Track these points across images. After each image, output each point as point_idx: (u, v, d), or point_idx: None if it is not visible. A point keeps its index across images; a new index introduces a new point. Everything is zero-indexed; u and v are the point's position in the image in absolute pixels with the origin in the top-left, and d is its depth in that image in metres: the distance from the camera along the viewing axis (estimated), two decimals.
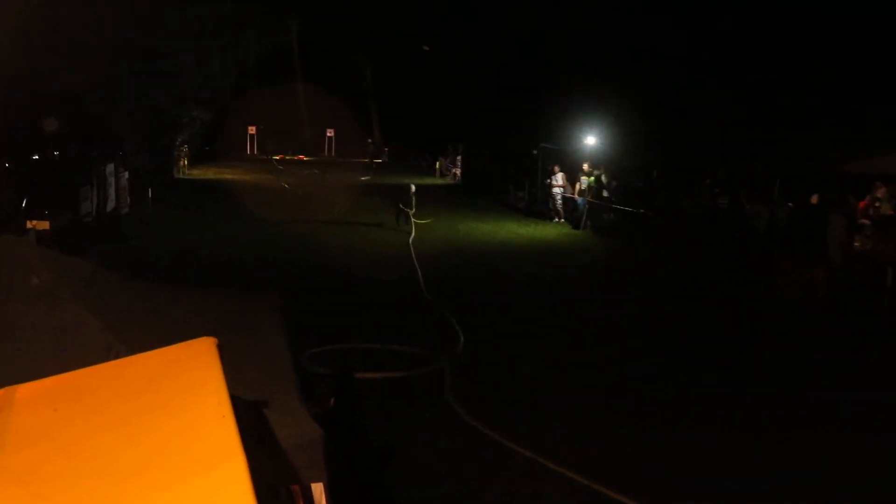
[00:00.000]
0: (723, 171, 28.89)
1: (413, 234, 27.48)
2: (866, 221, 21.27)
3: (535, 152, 37.31)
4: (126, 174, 30.98)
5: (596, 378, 13.33)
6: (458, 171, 51.16)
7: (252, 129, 69.33)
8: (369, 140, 67.25)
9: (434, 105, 60.82)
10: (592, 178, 31.30)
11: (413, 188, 30.63)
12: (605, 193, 30.68)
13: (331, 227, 29.52)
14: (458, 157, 51.53)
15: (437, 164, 55.11)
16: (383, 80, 69.59)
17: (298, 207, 34.23)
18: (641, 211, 27.40)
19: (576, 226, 31.15)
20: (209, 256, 22.94)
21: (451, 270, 22.25)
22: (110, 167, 28.69)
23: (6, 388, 4.48)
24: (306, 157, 66.68)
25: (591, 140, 34.43)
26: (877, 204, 22.37)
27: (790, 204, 21.93)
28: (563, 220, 32.55)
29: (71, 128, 29.65)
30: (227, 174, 50.43)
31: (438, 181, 51.68)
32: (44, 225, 21.61)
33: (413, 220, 29.43)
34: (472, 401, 11.80)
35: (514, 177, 40.33)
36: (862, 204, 22.55)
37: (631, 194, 29.43)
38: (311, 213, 32.72)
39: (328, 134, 70.95)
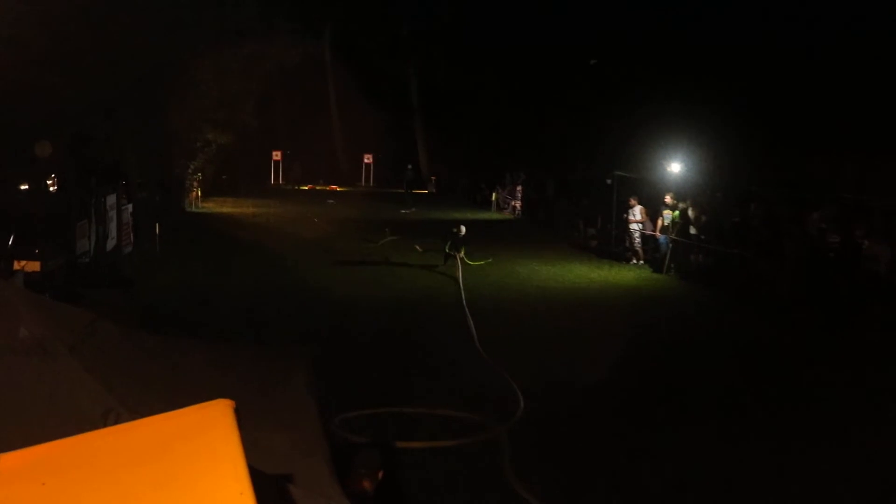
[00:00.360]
0: (833, 202, 28.50)
1: (461, 277, 27.43)
2: None
3: (608, 182, 37.17)
4: (129, 207, 31.28)
5: (681, 463, 13.10)
6: (519, 204, 51.09)
7: (277, 155, 70.00)
8: (409, 167, 67.59)
9: (490, 128, 60.97)
10: (677, 213, 31.09)
11: (463, 230, 30.58)
12: (692, 230, 30.45)
13: (367, 270, 29.59)
14: (519, 188, 51.50)
15: (494, 195, 55.10)
16: (430, 98, 69.92)
17: (329, 247, 34.34)
18: (736, 251, 27.13)
19: (657, 269, 30.91)
20: (226, 305, 23.10)
21: (509, 321, 22.17)
22: (111, 199, 28.98)
23: None
24: (339, 186, 67.11)
25: (675, 167, 34.24)
26: None
27: None
28: (642, 262, 32.31)
29: (66, 153, 30.03)
30: (248, 207, 50.84)
31: (495, 216, 51.64)
32: (34, 266, 21.81)
33: (465, 260, 29.45)
34: (535, 478, 11.68)
35: (585, 211, 40.20)
36: None
37: (724, 231, 29.16)
38: (344, 253, 32.82)
39: (365, 160, 71.41)
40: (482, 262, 30.70)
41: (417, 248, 32.85)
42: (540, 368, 17.62)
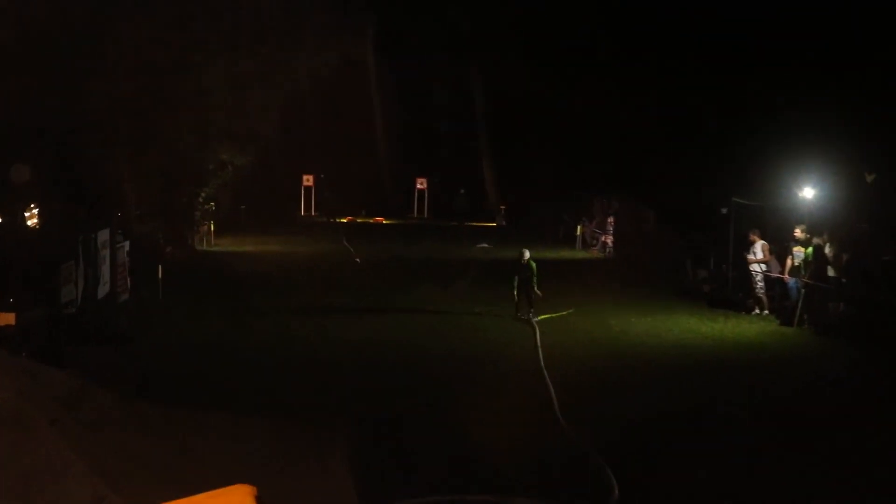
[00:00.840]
0: None
1: (538, 332, 27.39)
2: None
3: (724, 211, 36.93)
4: (126, 245, 31.50)
5: None
6: (610, 240, 50.94)
7: (308, 180, 70.25)
8: (461, 191, 67.49)
9: (573, 144, 60.77)
10: (810, 250, 30.80)
11: (527, 255, 30.62)
12: (830, 272, 30.16)
13: (418, 319, 29.71)
14: (610, 220, 51.32)
15: (579, 228, 54.98)
16: (499, 109, 69.74)
17: (373, 294, 34.49)
18: (888, 298, 26.81)
19: (786, 321, 30.62)
20: (246, 368, 23.15)
21: (598, 389, 21.99)
22: (104, 235, 29.20)
23: None
24: (386, 218, 67.30)
25: (808, 192, 33.91)
26: None
27: None
28: (766, 311, 32.06)
29: (50, 178, 30.33)
30: (272, 244, 51.06)
31: (580, 254, 51.55)
32: (8, 318, 21.99)
33: (533, 317, 29.59)
34: None
35: (694, 248, 39.96)
36: None
37: (871, 273, 28.85)
38: (393, 301, 32.95)
39: (418, 186, 71.51)
40: (564, 313, 30.63)
41: (477, 310, 32.54)
42: (637, 446, 17.48)
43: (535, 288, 30.04)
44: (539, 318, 29.60)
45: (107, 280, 29.28)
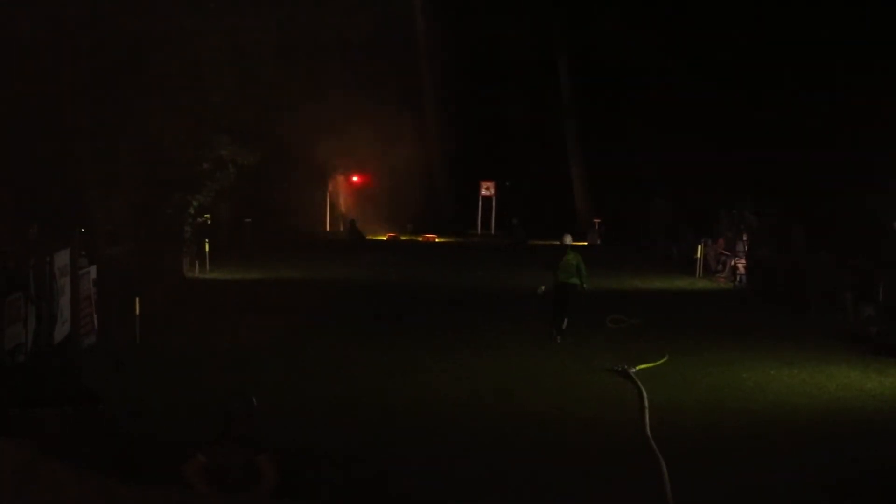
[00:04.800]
0: None
1: (644, 389, 27.26)
2: None
3: None
4: (92, 271, 31.58)
5: None
6: (742, 265, 50.66)
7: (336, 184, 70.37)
8: (514, 221, 67.23)
9: (691, 136, 60.62)
10: None
11: (569, 240, 30.98)
12: None
13: (475, 363, 29.96)
14: (743, 238, 51.03)
15: (699, 249, 54.75)
16: (593, 88, 69.72)
17: (422, 327, 34.76)
18: None
19: None
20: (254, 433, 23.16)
21: (727, 465, 21.78)
22: (62, 258, 29.30)
23: None
24: (439, 236, 67.22)
25: None
26: None
27: None
28: None
29: None
30: (288, 269, 51.17)
31: (701, 284, 51.22)
32: None
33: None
34: None
35: (857, 276, 39.71)
36: None
37: None
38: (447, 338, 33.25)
39: (483, 191, 71.23)
40: (660, 362, 30.67)
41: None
42: None
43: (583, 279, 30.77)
44: (637, 367, 29.46)
45: (66, 318, 29.35)
